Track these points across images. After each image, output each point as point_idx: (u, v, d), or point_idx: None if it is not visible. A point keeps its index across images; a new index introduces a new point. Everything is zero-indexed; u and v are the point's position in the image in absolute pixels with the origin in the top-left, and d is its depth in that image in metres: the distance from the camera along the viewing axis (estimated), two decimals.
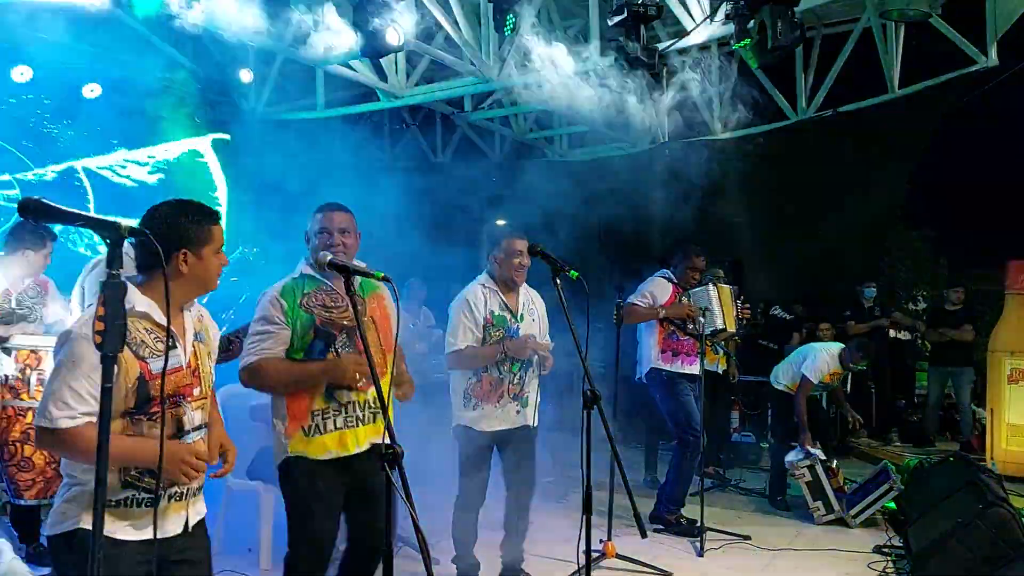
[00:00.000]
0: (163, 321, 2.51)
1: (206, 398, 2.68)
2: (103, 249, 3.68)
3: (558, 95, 9.11)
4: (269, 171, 9.02)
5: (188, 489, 2.60)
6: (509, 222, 4.66)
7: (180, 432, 2.54)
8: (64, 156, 7.84)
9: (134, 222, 1.82)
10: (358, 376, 3.34)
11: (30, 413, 4.71)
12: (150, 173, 8.62)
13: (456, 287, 4.75)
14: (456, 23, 8.05)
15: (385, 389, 3.50)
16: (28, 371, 4.73)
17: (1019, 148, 12.23)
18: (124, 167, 8.39)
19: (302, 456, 3.38)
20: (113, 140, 8.27)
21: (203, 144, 9.26)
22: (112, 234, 1.76)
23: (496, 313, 4.56)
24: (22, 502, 4.82)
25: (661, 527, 6.11)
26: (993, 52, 9.21)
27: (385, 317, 3.56)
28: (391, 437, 2.37)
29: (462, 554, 4.74)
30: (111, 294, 1.70)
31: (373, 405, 3.50)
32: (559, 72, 9.08)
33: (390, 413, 2.83)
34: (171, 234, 2.48)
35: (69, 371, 2.35)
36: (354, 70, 8.88)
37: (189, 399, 2.57)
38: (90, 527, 2.31)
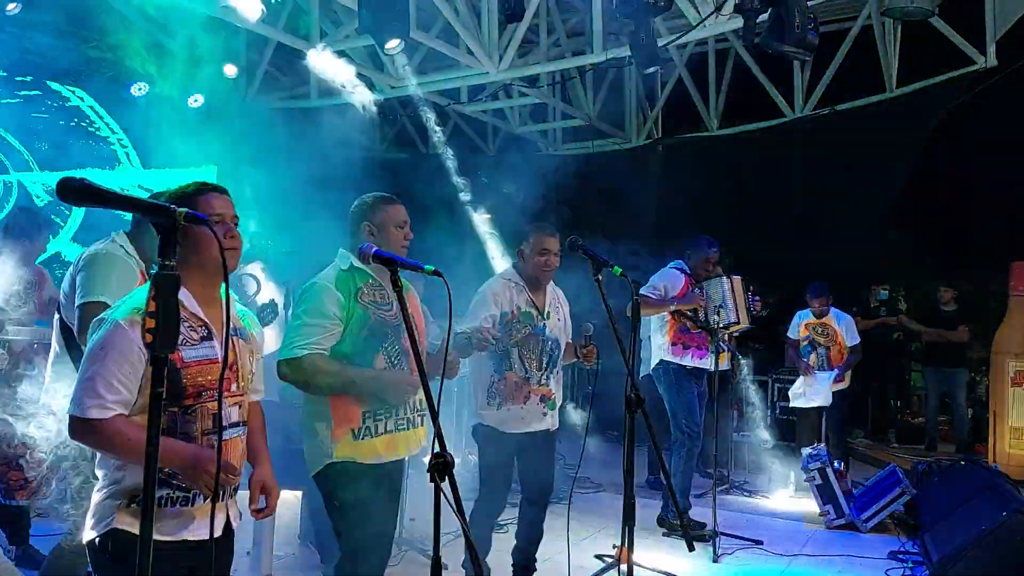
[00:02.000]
0: (196, 309, 2.39)
1: (243, 395, 2.54)
2: (117, 240, 3.48)
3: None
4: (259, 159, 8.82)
5: (225, 489, 2.43)
6: (542, 220, 4.45)
7: (214, 427, 2.38)
8: None
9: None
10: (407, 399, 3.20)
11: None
12: None
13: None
14: (456, 12, 7.87)
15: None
16: (22, 365, 4.51)
17: (1014, 150, 12.18)
18: None
19: (351, 460, 3.15)
20: None
21: None
22: (166, 220, 1.57)
23: (523, 309, 4.37)
24: (12, 502, 4.60)
25: (667, 530, 5.98)
26: (992, 52, 9.16)
27: (419, 316, 3.40)
28: (441, 446, 2.18)
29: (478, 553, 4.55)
30: (164, 288, 1.51)
31: (421, 407, 3.34)
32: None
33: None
34: None
35: (100, 359, 2.23)
36: (350, 58, 8.69)
37: (224, 394, 2.40)
38: (126, 527, 2.26)
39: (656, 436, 3.36)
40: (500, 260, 9.29)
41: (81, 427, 2.24)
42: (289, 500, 5.21)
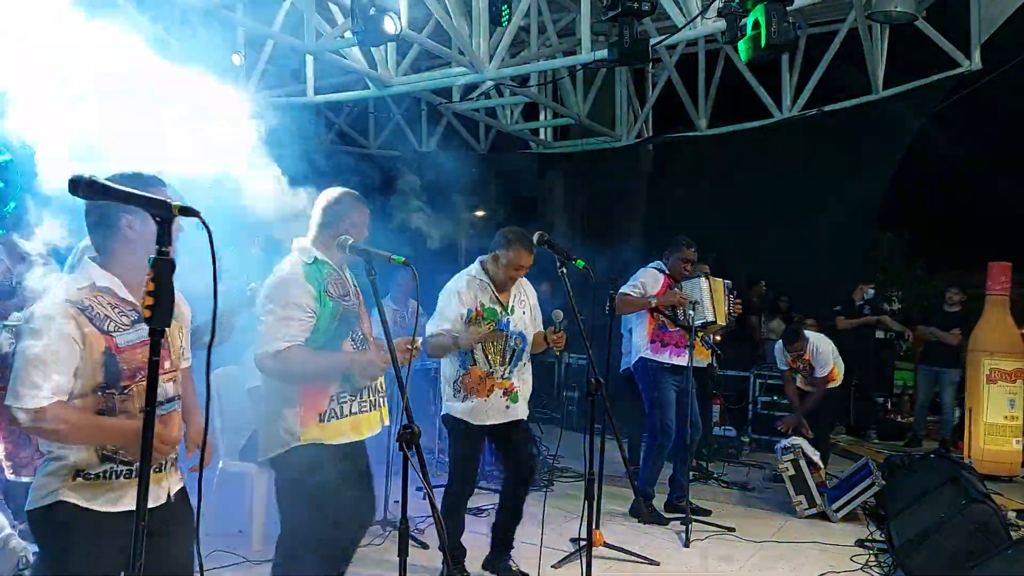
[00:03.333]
0: (127, 296, 2.52)
1: (176, 371, 2.69)
2: None
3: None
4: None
5: (166, 460, 2.61)
6: (520, 231, 4.59)
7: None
8: None
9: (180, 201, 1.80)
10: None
11: None
12: None
13: (442, 278, 4.72)
14: (448, 12, 8.05)
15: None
16: None
17: (998, 152, 12.40)
18: None
19: (316, 443, 3.31)
20: None
21: None
22: (163, 212, 1.77)
23: (487, 306, 4.55)
24: (20, 479, 4.80)
25: (641, 519, 6.19)
26: (976, 56, 9.34)
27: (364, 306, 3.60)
28: (409, 418, 2.39)
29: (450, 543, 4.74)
30: (161, 271, 1.72)
31: (380, 390, 3.55)
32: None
33: None
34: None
35: (31, 350, 2.35)
36: (345, 57, 8.87)
37: (160, 371, 2.51)
38: (70, 499, 2.43)
39: (615, 423, 3.55)
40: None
41: (21, 417, 2.36)
42: None
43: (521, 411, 4.69)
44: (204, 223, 1.76)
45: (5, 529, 4.11)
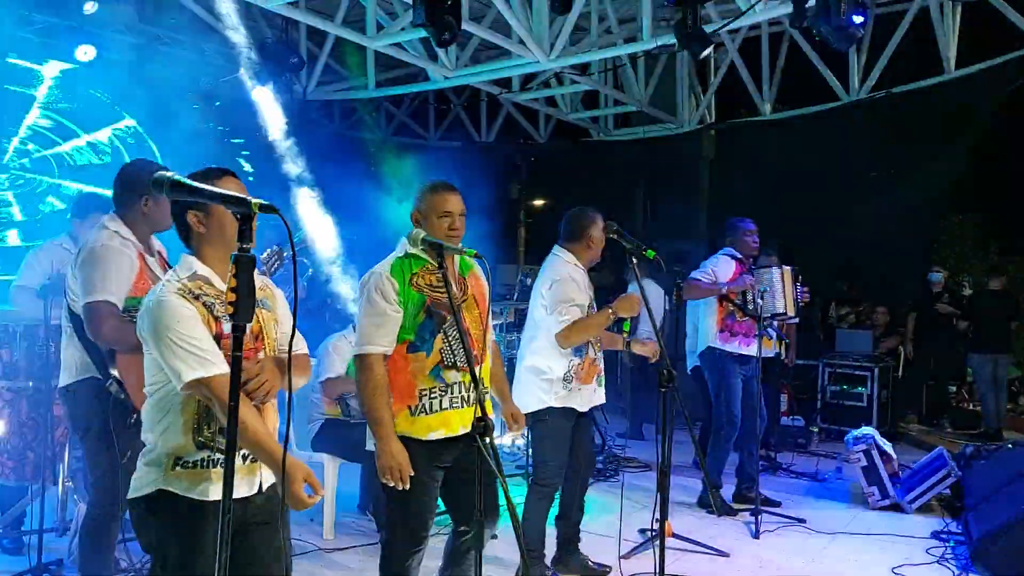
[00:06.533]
0: (222, 287, 2.54)
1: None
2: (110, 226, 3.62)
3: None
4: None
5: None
6: (592, 207, 4.63)
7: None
8: None
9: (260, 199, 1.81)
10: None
11: None
12: None
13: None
14: (508, 2, 8.03)
15: (486, 368, 3.49)
16: None
17: None
18: None
19: (405, 436, 3.27)
20: None
21: None
22: (243, 209, 1.79)
23: (591, 294, 4.58)
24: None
25: (709, 510, 6.14)
26: None
27: (483, 295, 3.50)
28: (483, 411, 2.40)
29: (536, 533, 4.69)
30: (242, 268, 1.74)
31: (476, 386, 3.49)
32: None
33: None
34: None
35: (185, 328, 2.39)
36: (405, 50, 8.92)
37: (251, 361, 2.57)
38: (171, 488, 2.46)
39: (688, 415, 3.50)
40: None
41: (207, 389, 2.39)
42: (349, 471, 5.49)
43: (602, 395, 4.72)
44: (283, 220, 1.78)
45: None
